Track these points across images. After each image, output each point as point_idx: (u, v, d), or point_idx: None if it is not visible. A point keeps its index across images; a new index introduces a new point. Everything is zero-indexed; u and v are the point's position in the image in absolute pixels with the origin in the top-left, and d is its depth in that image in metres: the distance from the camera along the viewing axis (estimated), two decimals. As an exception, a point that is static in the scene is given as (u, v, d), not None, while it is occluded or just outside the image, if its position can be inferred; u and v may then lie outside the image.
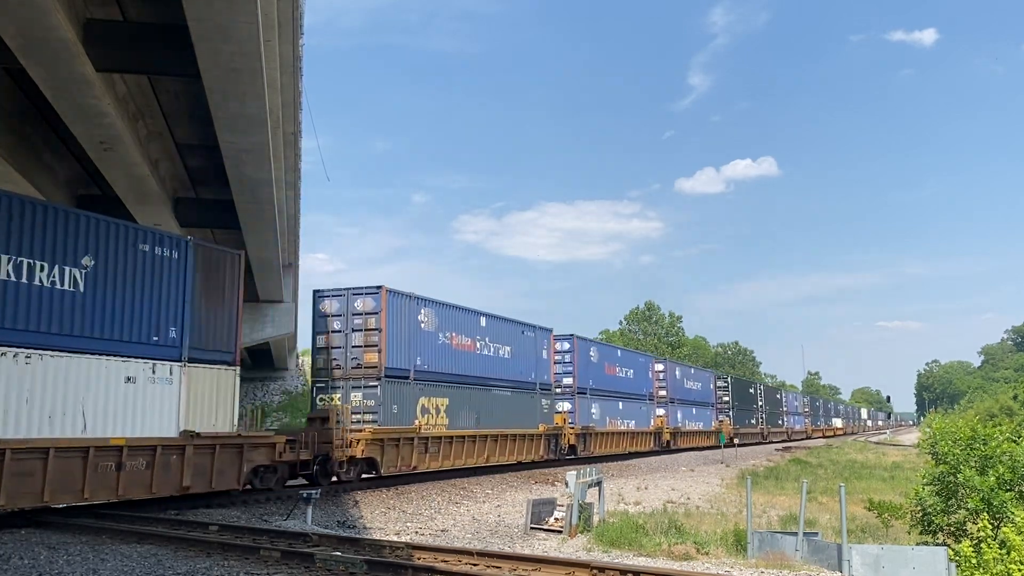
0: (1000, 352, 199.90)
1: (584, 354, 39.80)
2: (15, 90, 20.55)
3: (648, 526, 16.21)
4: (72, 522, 14.91)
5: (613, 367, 43.51)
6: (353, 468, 22.97)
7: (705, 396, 61.23)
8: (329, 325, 24.83)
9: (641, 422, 46.85)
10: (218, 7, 14.41)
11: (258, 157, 22.08)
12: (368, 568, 11.10)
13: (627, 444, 44.11)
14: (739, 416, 67.90)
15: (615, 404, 42.98)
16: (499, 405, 30.68)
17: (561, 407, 37.03)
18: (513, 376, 32.08)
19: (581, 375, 38.90)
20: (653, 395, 49.64)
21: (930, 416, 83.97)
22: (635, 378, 46.67)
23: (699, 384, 60.27)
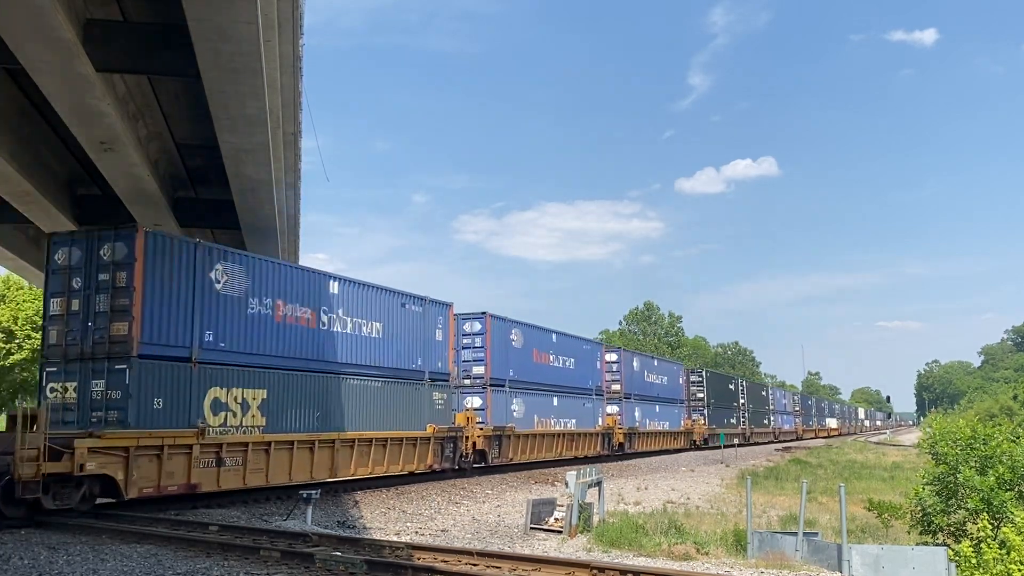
0: (1000, 352, 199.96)
1: (501, 337, 32.02)
2: (15, 90, 20.55)
3: (648, 526, 16.22)
4: (72, 522, 14.90)
5: (545, 354, 35.97)
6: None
7: (672, 392, 53.95)
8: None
9: (584, 421, 39.36)
10: (218, 7, 14.41)
11: (258, 157, 22.08)
12: (368, 568, 11.10)
13: (563, 448, 36.96)
14: (716, 415, 61.44)
15: (547, 400, 35.55)
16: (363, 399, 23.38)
17: (469, 403, 30.12)
18: (387, 362, 24.51)
19: (497, 363, 31.30)
20: (603, 390, 42.18)
21: (930, 416, 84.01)
22: (577, 369, 39.04)
23: (665, 378, 52.83)
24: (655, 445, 49.25)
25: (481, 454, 29.89)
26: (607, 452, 41.52)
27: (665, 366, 55.44)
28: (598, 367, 42.17)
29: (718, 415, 62.23)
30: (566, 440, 37.36)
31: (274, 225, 29.07)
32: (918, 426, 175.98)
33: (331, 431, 21.66)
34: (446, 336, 28.01)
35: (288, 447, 20.07)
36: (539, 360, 35.29)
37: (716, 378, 66.63)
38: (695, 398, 59.54)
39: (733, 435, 63.49)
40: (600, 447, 40.93)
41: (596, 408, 41.31)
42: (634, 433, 45.70)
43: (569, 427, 37.74)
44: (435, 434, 26.28)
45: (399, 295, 25.63)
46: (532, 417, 33.93)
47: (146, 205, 25.69)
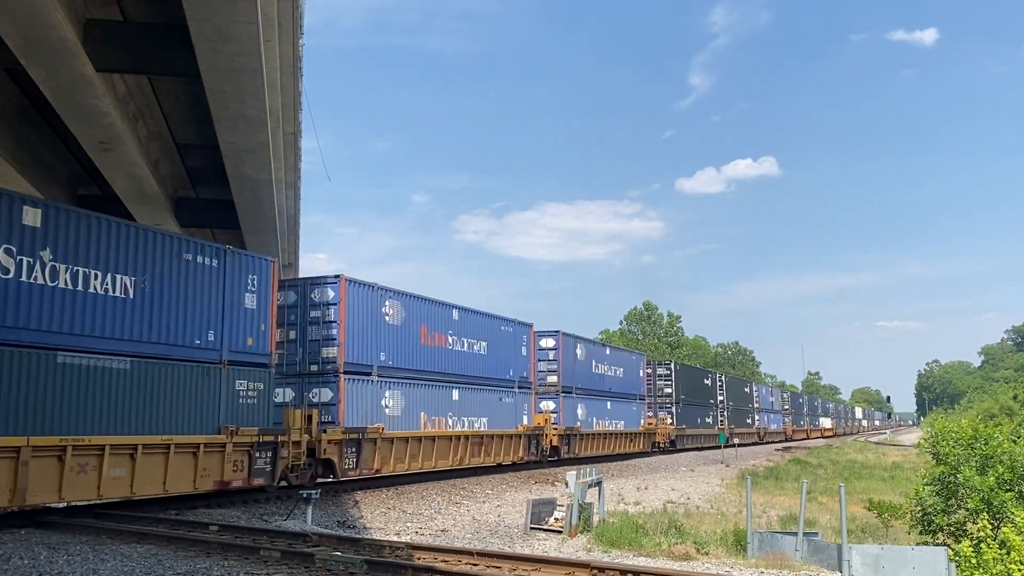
0: (1000, 352, 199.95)
1: (365, 307, 23.86)
2: (15, 90, 20.55)
3: (648, 526, 16.21)
4: (72, 522, 14.90)
5: (439, 336, 27.45)
6: None
7: (630, 386, 45.63)
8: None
9: (501, 420, 30.86)
10: (218, 7, 14.41)
11: (258, 157, 22.09)
12: (368, 568, 11.10)
13: (470, 453, 28.38)
14: (687, 413, 54.58)
15: (444, 393, 27.30)
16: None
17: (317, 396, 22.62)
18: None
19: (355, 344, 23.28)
20: (531, 382, 34.11)
21: (931, 416, 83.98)
22: (491, 355, 30.76)
23: (620, 370, 44.37)
24: (604, 448, 41.08)
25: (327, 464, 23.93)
26: (533, 458, 33.39)
27: (621, 356, 46.34)
28: (524, 354, 33.45)
29: (690, 413, 55.29)
30: (472, 444, 28.50)
31: (274, 225, 29.08)
32: (918, 426, 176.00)
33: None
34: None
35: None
36: (433, 343, 27.07)
37: (688, 372, 59.09)
38: (662, 394, 52.14)
39: (708, 436, 58.40)
40: (523, 451, 32.48)
41: (519, 404, 32.62)
42: (574, 435, 37.01)
43: (479, 427, 29.19)
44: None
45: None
46: (416, 415, 25.72)
47: (146, 205, 25.72)
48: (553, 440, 35.05)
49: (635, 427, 45.83)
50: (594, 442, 39.85)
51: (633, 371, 47.02)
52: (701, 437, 58.14)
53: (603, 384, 41.86)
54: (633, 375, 46.89)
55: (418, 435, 25.57)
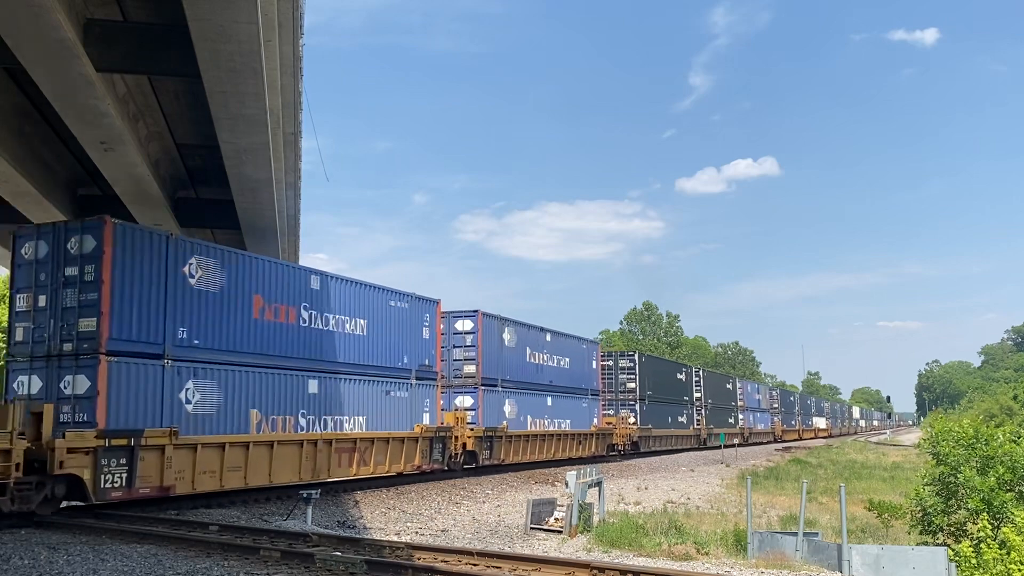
0: (1000, 352, 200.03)
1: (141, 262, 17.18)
2: (15, 90, 20.56)
3: (648, 526, 16.23)
4: (72, 522, 14.91)
5: (286, 310, 20.78)
6: None
7: (578, 379, 38.48)
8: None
9: (388, 420, 24.18)
10: (218, 7, 14.41)
11: (258, 157, 22.09)
12: (368, 568, 11.11)
13: (335, 463, 21.70)
14: (655, 411, 48.37)
15: (296, 384, 20.80)
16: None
17: None
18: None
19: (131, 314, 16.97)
20: (437, 372, 27.23)
21: (931, 416, 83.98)
22: (375, 337, 24.04)
23: (565, 360, 37.13)
24: (542, 453, 34.06)
25: None
26: (439, 466, 26.54)
27: (567, 344, 37.93)
28: (426, 337, 26.70)
29: (658, 412, 49.21)
30: (338, 452, 21.80)
31: (274, 225, 29.08)
32: (918, 426, 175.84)
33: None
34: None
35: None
36: (270, 317, 20.25)
37: (656, 364, 52.65)
38: (624, 389, 46.14)
39: (681, 437, 53.27)
40: (421, 459, 25.42)
41: (419, 401, 25.85)
42: (497, 437, 30.32)
43: (350, 429, 22.53)
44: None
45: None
46: (242, 412, 19.11)
47: (146, 205, 25.72)
48: (469, 444, 28.09)
49: (585, 427, 38.63)
50: (527, 445, 32.72)
51: (582, 361, 39.40)
52: (672, 439, 51.63)
53: (541, 376, 34.70)
54: (582, 366, 39.29)
55: (243, 440, 18.70)
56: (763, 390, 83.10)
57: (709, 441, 57.57)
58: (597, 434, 40.01)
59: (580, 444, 37.94)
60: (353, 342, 23.25)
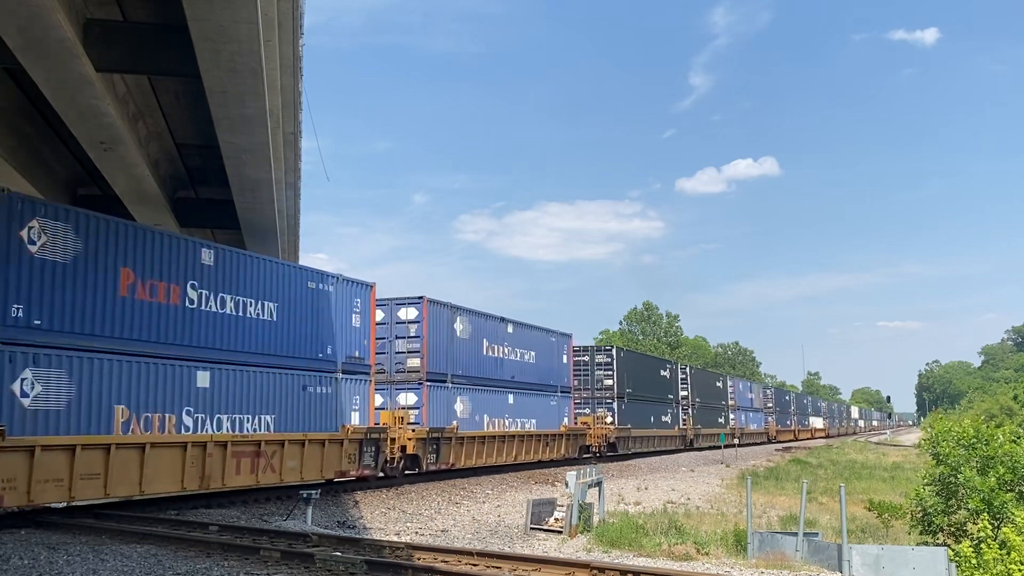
0: (1000, 352, 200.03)
1: None
2: (15, 90, 20.55)
3: (648, 526, 16.23)
4: (72, 522, 14.90)
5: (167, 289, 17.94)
6: None
7: (546, 375, 35.25)
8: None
9: (305, 420, 21.26)
10: (218, 7, 14.40)
11: (258, 157, 22.07)
12: (368, 568, 11.10)
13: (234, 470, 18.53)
14: (636, 411, 44.81)
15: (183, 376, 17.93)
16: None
17: None
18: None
19: None
20: (365, 364, 24.21)
21: (931, 416, 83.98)
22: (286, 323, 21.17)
23: (531, 354, 33.75)
24: (502, 455, 30.14)
25: None
26: (371, 472, 23.16)
27: (532, 336, 34.33)
28: (356, 325, 23.74)
29: (639, 411, 45.47)
30: (241, 456, 18.79)
31: (274, 225, 29.07)
32: (918, 426, 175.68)
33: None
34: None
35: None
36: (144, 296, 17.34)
37: (636, 360, 48.11)
38: (601, 386, 42.61)
39: (665, 438, 49.97)
40: (349, 463, 22.23)
41: (346, 396, 22.91)
42: (446, 438, 26.70)
43: (251, 430, 19.44)
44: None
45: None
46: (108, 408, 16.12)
47: (146, 205, 25.70)
48: (409, 446, 24.55)
49: (553, 427, 35.06)
50: (483, 448, 28.93)
51: (551, 356, 35.88)
52: (654, 439, 48.11)
53: (501, 371, 31.30)
54: (551, 361, 35.80)
55: (102, 441, 15.59)
56: (756, 389, 79.70)
57: (697, 442, 54.80)
58: (567, 435, 36.13)
59: (547, 446, 34.27)
60: (259, 328, 20.09)
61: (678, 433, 52.49)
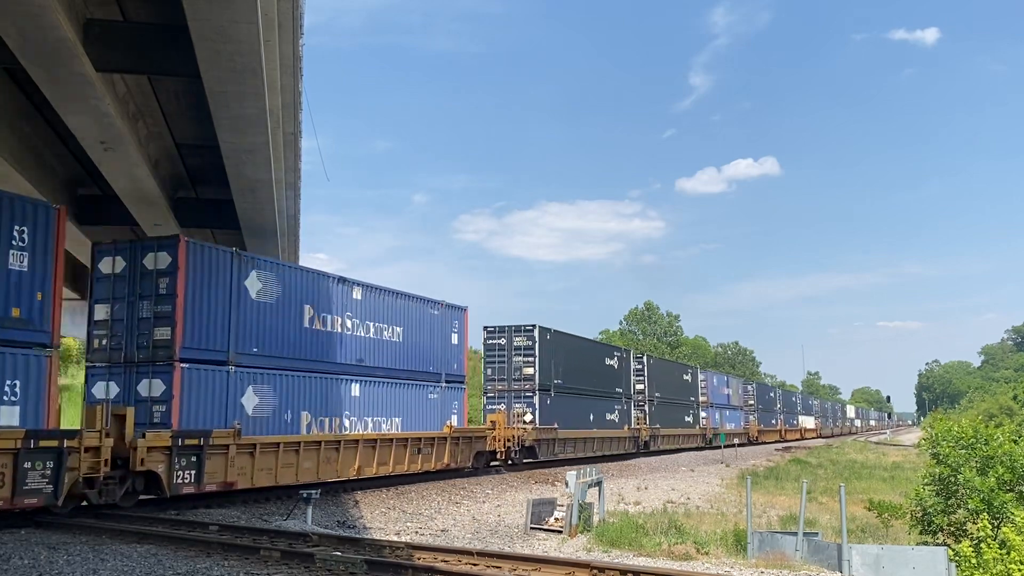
0: (1000, 352, 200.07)
1: None
2: (15, 90, 20.56)
3: (648, 526, 16.23)
4: (72, 522, 14.89)
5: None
6: None
7: (422, 359, 26.38)
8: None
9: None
10: (218, 7, 14.41)
11: (258, 157, 22.09)
12: (368, 568, 11.10)
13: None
14: (568, 406, 35.80)
15: None
16: None
17: None
18: None
19: None
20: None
21: (931, 416, 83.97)
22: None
23: (395, 330, 25.27)
24: (335, 467, 21.71)
25: None
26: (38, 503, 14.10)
27: (397, 306, 25.46)
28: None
29: (573, 408, 36.55)
30: None
31: (274, 225, 29.07)
32: (918, 426, 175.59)
33: None
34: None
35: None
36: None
37: (568, 345, 37.33)
38: (520, 376, 33.54)
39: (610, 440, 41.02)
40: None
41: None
42: (214, 446, 17.76)
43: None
44: None
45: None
46: None
47: (146, 205, 25.72)
48: (144, 461, 16.08)
49: (433, 428, 26.23)
50: (295, 458, 20.17)
51: (432, 334, 26.93)
52: (593, 442, 38.67)
53: (338, 351, 22.64)
54: (433, 341, 27.00)
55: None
56: (735, 384, 70.26)
57: (655, 444, 47.13)
58: (456, 438, 27.07)
59: (420, 453, 25.14)
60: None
61: (628, 434, 43.31)
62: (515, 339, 34.19)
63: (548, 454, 34.19)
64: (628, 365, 45.62)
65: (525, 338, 34.14)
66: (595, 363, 41.14)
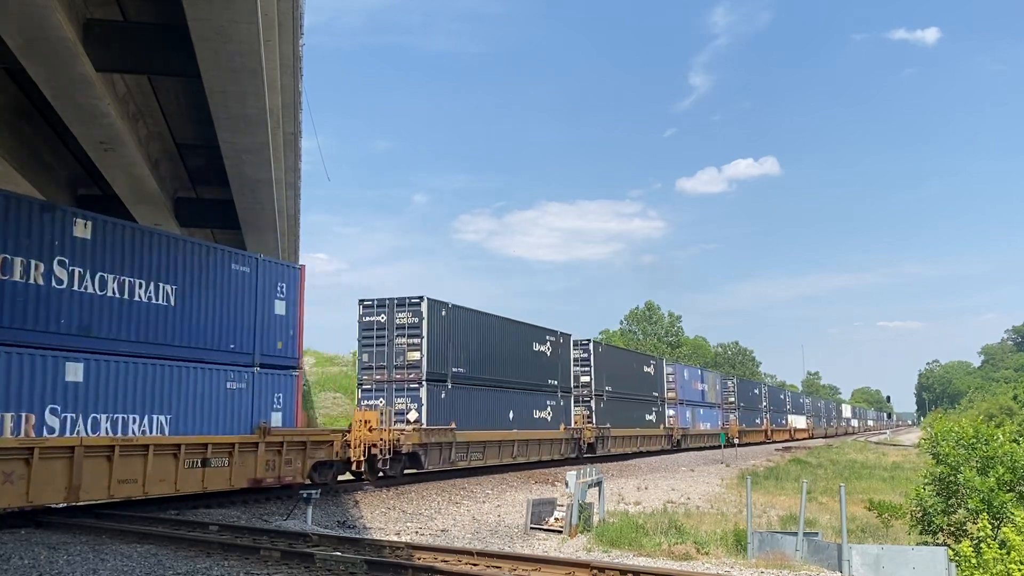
0: (1000, 352, 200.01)
1: None
2: (15, 90, 20.55)
3: (648, 526, 16.23)
4: (72, 522, 14.90)
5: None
6: None
7: (220, 333, 19.27)
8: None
9: None
10: (218, 7, 14.40)
11: (258, 157, 22.08)
12: (368, 568, 11.10)
13: None
14: (476, 402, 29.02)
15: None
16: None
17: None
18: None
19: None
20: None
21: (931, 415, 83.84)
22: None
23: (163, 289, 17.87)
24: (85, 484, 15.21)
25: None
26: None
27: (198, 261, 19.16)
28: None
29: (483, 403, 29.55)
30: None
31: (274, 225, 29.07)
32: (918, 426, 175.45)
33: None
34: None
35: None
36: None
37: (475, 323, 29.71)
38: (404, 363, 26.46)
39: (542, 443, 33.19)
40: None
41: None
42: None
43: None
44: None
45: None
46: None
47: (146, 205, 25.71)
48: None
49: (232, 431, 18.99)
50: None
51: (236, 296, 20.03)
52: (513, 446, 31.12)
53: (45, 314, 15.62)
54: (234, 307, 19.90)
55: None
56: (711, 378, 61.79)
57: (603, 447, 38.96)
58: (276, 444, 19.97)
59: (206, 466, 18.00)
60: None
61: (565, 435, 35.21)
62: (398, 315, 26.47)
63: (441, 462, 26.52)
64: (565, 354, 36.95)
65: (411, 314, 26.32)
66: (519, 349, 32.78)
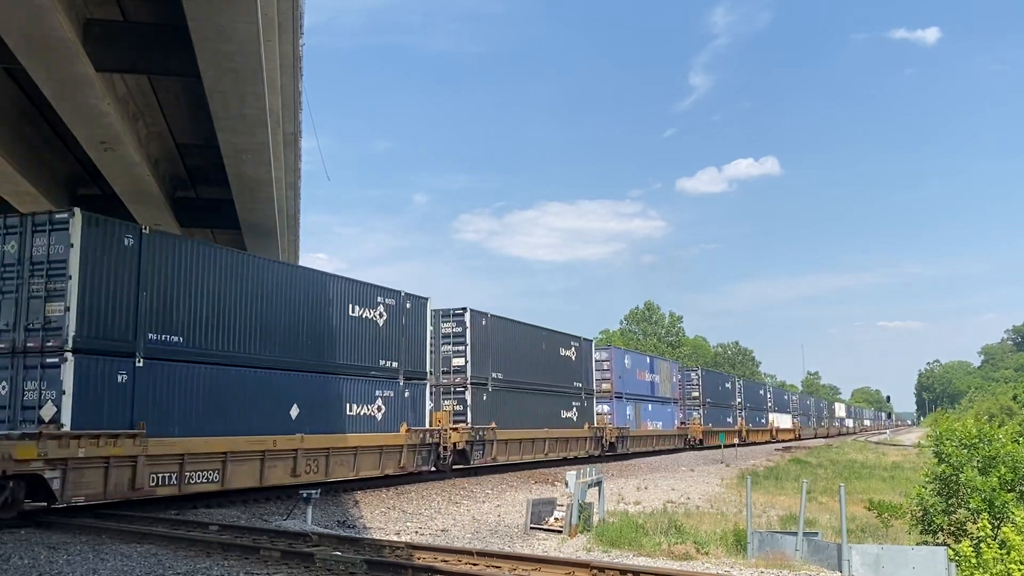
0: (1000, 352, 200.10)
1: None
2: (15, 90, 20.57)
3: (648, 526, 16.22)
4: (72, 522, 14.90)
5: None
6: None
7: None
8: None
9: None
10: (218, 7, 14.42)
11: (258, 157, 22.10)
12: (368, 568, 11.10)
13: None
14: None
15: None
16: None
17: None
18: None
19: None
20: None
21: (932, 416, 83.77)
22: None
23: None
24: None
25: None
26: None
27: None
28: None
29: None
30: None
31: (274, 225, 29.08)
32: (918, 426, 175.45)
33: None
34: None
35: None
36: None
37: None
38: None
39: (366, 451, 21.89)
40: None
41: None
42: None
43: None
44: None
45: None
46: None
47: (146, 205, 25.73)
48: None
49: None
50: None
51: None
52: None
53: None
54: None
55: None
56: (664, 368, 51.73)
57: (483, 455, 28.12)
58: None
59: None
60: None
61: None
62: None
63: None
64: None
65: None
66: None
